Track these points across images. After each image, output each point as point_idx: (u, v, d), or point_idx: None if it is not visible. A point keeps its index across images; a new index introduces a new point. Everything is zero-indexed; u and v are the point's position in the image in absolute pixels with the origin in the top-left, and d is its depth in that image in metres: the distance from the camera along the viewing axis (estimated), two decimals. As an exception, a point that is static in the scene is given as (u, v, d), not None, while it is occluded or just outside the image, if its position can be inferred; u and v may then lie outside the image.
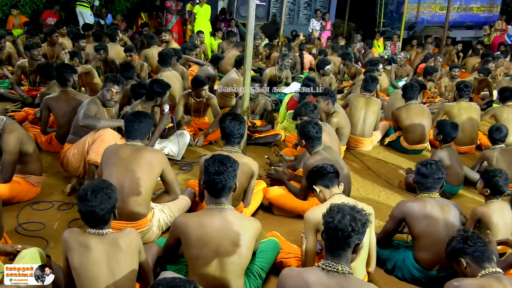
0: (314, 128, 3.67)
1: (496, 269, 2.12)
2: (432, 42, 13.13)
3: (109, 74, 4.33)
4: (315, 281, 1.98)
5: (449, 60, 11.84)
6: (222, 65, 8.19)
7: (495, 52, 11.79)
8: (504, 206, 3.32)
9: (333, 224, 2.02)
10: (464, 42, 13.80)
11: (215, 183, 2.52)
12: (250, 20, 4.19)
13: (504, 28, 14.76)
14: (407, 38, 13.87)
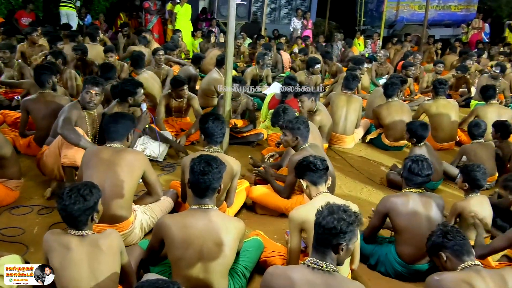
0: (303, 124, 3.69)
1: (475, 262, 2.16)
2: (412, 40, 13.29)
3: (88, 76, 4.27)
4: (300, 278, 1.98)
5: (428, 57, 12.01)
6: (204, 65, 8.16)
7: (472, 49, 11.99)
8: (483, 200, 3.39)
9: (318, 220, 2.04)
10: (442, 40, 14.01)
11: (200, 183, 2.51)
12: (230, 20, 4.17)
13: (481, 26, 15.05)
14: (387, 37, 14.03)
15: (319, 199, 2.82)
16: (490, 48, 12.58)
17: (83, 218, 2.25)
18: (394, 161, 5.25)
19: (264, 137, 5.50)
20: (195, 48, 11.40)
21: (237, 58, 10.24)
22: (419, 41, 12.36)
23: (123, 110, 4.32)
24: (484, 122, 4.78)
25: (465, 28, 15.48)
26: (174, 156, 4.92)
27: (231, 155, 4.01)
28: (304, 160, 2.95)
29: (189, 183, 2.59)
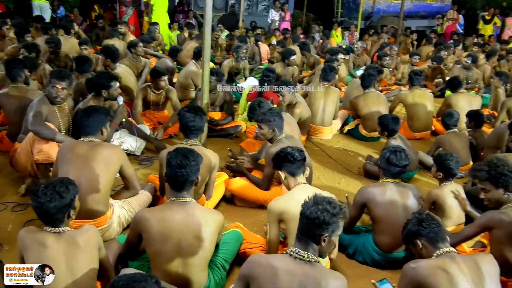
0: (277, 116, 3.69)
1: (449, 248, 2.20)
2: (388, 31, 13.41)
3: (54, 70, 4.14)
4: (282, 267, 2.00)
5: (404, 49, 12.13)
6: (181, 57, 8.09)
7: (447, 40, 12.17)
8: (457, 188, 3.47)
9: (302, 210, 2.05)
10: (418, 31, 14.18)
11: (177, 176, 2.49)
12: (207, 11, 4.14)
13: (455, 18, 15.28)
14: (364, 28, 14.12)
15: (297, 190, 2.84)
16: (465, 39, 12.79)
17: (59, 216, 2.22)
18: (371, 152, 5.31)
19: (243, 129, 5.49)
20: (172, 40, 11.27)
21: (215, 51, 10.17)
22: (396, 32, 12.48)
23: (99, 104, 4.24)
24: (457, 112, 4.88)
25: (440, 20, 15.71)
26: (152, 150, 4.87)
27: (209, 148, 4.00)
28: (282, 152, 2.95)
29: (166, 176, 2.58)
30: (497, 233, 2.73)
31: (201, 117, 3.48)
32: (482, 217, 2.84)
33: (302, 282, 1.97)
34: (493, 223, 2.74)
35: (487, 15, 15.47)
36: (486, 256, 2.23)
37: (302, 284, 1.97)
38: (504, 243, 2.70)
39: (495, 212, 2.78)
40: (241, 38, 9.47)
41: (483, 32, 14.67)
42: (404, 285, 2.18)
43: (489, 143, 4.69)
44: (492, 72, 8.30)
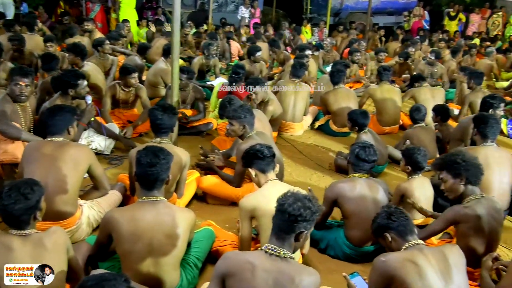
0: (248, 112, 3.69)
1: (418, 241, 2.25)
2: (357, 28, 13.58)
3: (14, 67, 4.01)
4: (259, 264, 2.00)
5: (372, 45, 12.31)
6: (150, 55, 7.98)
7: (414, 36, 12.42)
8: (425, 181, 3.55)
9: (283, 207, 2.05)
10: (386, 27, 14.41)
11: (148, 175, 2.46)
12: (175, 8, 4.09)
13: (422, 14, 15.60)
14: (333, 25, 14.24)
15: (268, 186, 2.85)
16: (431, 35, 13.08)
17: (25, 218, 2.16)
18: (342, 147, 5.38)
19: (214, 126, 5.47)
20: (140, 37, 11.11)
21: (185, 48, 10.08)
22: (364, 29, 12.66)
23: (66, 103, 4.14)
24: (424, 107, 4.99)
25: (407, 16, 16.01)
26: (122, 149, 4.80)
27: (180, 146, 3.97)
28: (251, 149, 2.95)
29: (136, 175, 2.54)
30: (462, 227, 2.81)
31: (172, 115, 3.44)
32: (447, 212, 2.91)
33: (277, 278, 1.98)
34: (458, 217, 2.82)
35: (452, 11, 15.85)
36: (453, 247, 2.29)
37: (277, 281, 1.98)
38: (470, 236, 2.78)
39: (459, 206, 2.86)
40: (211, 35, 9.42)
41: (448, 28, 15.03)
42: (374, 278, 2.22)
43: (454, 136, 4.81)
44: (457, 67, 8.53)
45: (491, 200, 2.86)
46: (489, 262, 2.65)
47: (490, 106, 4.43)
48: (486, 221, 2.75)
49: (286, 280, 1.98)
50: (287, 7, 16.39)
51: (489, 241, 2.80)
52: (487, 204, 2.80)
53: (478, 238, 2.78)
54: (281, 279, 1.98)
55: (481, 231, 2.77)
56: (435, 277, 2.10)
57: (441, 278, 2.10)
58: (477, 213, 2.75)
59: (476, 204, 2.79)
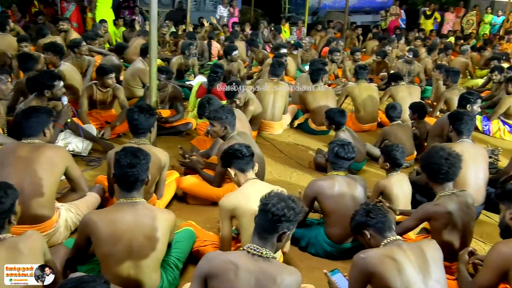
0: (230, 113, 3.68)
1: (396, 237, 2.28)
2: (335, 27, 13.68)
3: None
4: (241, 264, 2.00)
5: (350, 43, 12.43)
6: (128, 55, 7.89)
7: (391, 35, 12.57)
8: (403, 178, 3.60)
9: (267, 207, 2.04)
10: (363, 26, 14.56)
11: (128, 176, 2.43)
12: (153, 7, 4.05)
13: (398, 13, 15.80)
14: (311, 23, 14.33)
15: (248, 185, 2.85)
16: (407, 34, 13.26)
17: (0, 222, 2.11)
18: (321, 145, 5.41)
19: (193, 126, 5.44)
20: (117, 37, 10.97)
21: (163, 47, 10.01)
22: (342, 27, 12.76)
23: (42, 104, 4.06)
24: (399, 105, 5.06)
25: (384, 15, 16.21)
26: (100, 150, 4.73)
27: (160, 146, 3.94)
28: (230, 149, 2.95)
29: (114, 177, 2.51)
30: (434, 223, 2.87)
31: (150, 116, 3.41)
32: (418, 210, 2.96)
33: (259, 279, 1.99)
34: (429, 215, 2.88)
35: (428, 10, 16.10)
36: (430, 242, 2.32)
37: (258, 281, 1.98)
38: (443, 231, 2.84)
39: (429, 204, 2.92)
40: (190, 35, 9.36)
41: (424, 27, 15.25)
42: (354, 274, 2.24)
43: (433, 132, 4.89)
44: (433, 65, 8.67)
45: (462, 196, 2.91)
46: (465, 256, 2.70)
47: (467, 101, 4.52)
48: (458, 216, 2.81)
49: (268, 280, 1.98)
50: (266, 6, 16.42)
51: (462, 236, 2.86)
52: (457, 200, 2.86)
53: (451, 233, 2.84)
54: (263, 280, 1.98)
55: (454, 227, 2.82)
56: (413, 272, 2.13)
57: (419, 272, 2.14)
58: (447, 209, 2.80)
59: (447, 201, 2.84)
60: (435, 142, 4.57)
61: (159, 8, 9.21)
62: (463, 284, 2.54)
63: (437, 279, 2.17)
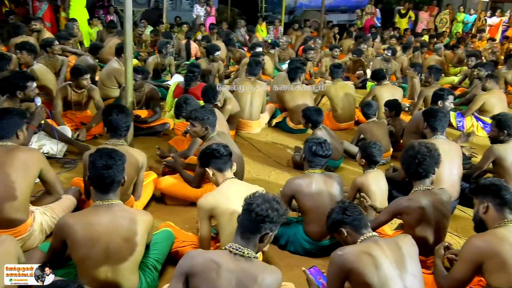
0: (211, 114, 3.68)
1: (372, 233, 2.31)
2: (311, 26, 13.77)
3: None
4: (223, 263, 2.00)
5: (327, 42, 12.52)
6: (103, 55, 7.79)
7: (367, 34, 12.72)
8: (380, 175, 3.64)
9: (251, 207, 2.05)
10: (339, 25, 14.69)
11: (104, 177, 2.40)
12: (127, 6, 4.00)
13: (373, 12, 16.00)
14: (288, 23, 14.37)
15: (226, 185, 2.84)
16: (383, 33, 13.44)
17: None
18: (299, 143, 5.43)
19: (171, 126, 5.40)
20: (92, 37, 10.80)
21: (139, 47, 9.90)
22: (318, 26, 12.85)
23: (14, 105, 3.98)
24: (375, 102, 5.14)
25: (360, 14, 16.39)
26: (75, 152, 4.65)
27: (137, 147, 3.91)
28: (208, 149, 2.95)
29: (90, 179, 2.47)
30: (406, 218, 2.91)
31: (126, 116, 3.37)
32: (392, 204, 3.00)
33: (240, 278, 1.99)
34: (401, 209, 2.91)
35: (403, 9, 16.34)
36: (405, 237, 2.36)
37: (240, 281, 1.99)
38: (415, 226, 2.88)
39: (402, 199, 2.96)
40: (166, 34, 9.29)
41: (399, 26, 15.47)
42: (332, 271, 2.25)
43: (408, 129, 4.97)
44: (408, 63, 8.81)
45: (437, 193, 2.96)
46: (441, 250, 2.75)
47: (439, 98, 4.60)
48: (430, 212, 2.85)
49: (249, 280, 1.99)
50: (242, 6, 16.39)
51: (436, 231, 2.91)
52: (432, 196, 2.90)
53: (424, 228, 2.88)
54: (244, 279, 1.99)
55: (426, 222, 2.86)
56: (390, 267, 2.16)
57: (395, 267, 2.17)
58: (420, 204, 2.84)
59: (420, 196, 2.89)
60: (411, 139, 4.64)
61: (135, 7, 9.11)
62: (439, 278, 2.58)
63: (413, 274, 2.21)
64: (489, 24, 14.99)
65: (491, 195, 2.45)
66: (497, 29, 14.76)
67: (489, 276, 2.33)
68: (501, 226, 2.39)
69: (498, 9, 16.08)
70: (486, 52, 10.92)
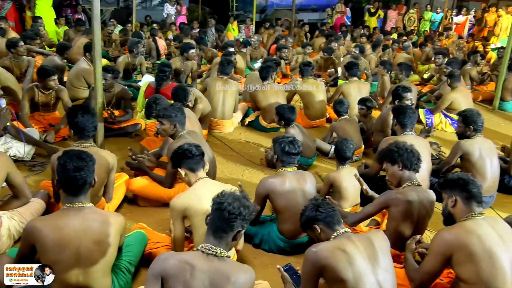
0: (179, 111, 3.64)
1: (345, 229, 2.34)
2: (283, 24, 13.81)
3: None
4: (197, 264, 1.99)
5: (298, 41, 12.59)
6: (71, 54, 7.62)
7: (337, 32, 12.84)
8: (352, 171, 3.69)
9: (222, 206, 2.04)
10: (310, 24, 14.80)
11: (76, 179, 2.36)
12: (95, 5, 3.93)
13: (343, 11, 16.20)
14: (259, 21, 14.39)
15: (199, 185, 2.83)
16: (353, 31, 13.60)
17: None
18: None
19: (142, 127, 5.34)
20: (59, 36, 10.56)
21: (109, 46, 9.74)
22: (290, 25, 12.92)
23: (-23, 107, 3.87)
24: (346, 100, 5.19)
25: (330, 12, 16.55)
26: (44, 154, 4.54)
27: (108, 148, 3.85)
28: (179, 149, 2.93)
29: (59, 182, 2.41)
30: (393, 210, 2.96)
31: (92, 116, 3.30)
32: (381, 196, 3.06)
33: (214, 278, 1.98)
34: (390, 201, 2.96)
35: (372, 8, 16.57)
36: (378, 232, 2.40)
37: (213, 281, 1.98)
38: (399, 220, 2.94)
39: (392, 191, 3.01)
40: (136, 33, 9.16)
41: (369, 24, 15.70)
42: (307, 268, 2.27)
43: (376, 127, 5.05)
44: (377, 61, 8.94)
45: (426, 192, 3.03)
46: (412, 245, 2.81)
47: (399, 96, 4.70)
48: (416, 207, 2.91)
49: (222, 280, 1.98)
50: (213, 4, 16.33)
51: (416, 228, 2.97)
52: (421, 193, 2.97)
53: (406, 223, 2.94)
54: (217, 279, 1.98)
55: (409, 217, 2.92)
56: (363, 263, 2.19)
57: (368, 262, 2.20)
58: (408, 198, 2.90)
59: (409, 191, 2.95)
60: (380, 136, 4.73)
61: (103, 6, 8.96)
62: (410, 272, 2.63)
63: (385, 268, 2.24)
64: (455, 23, 15.35)
65: (459, 189, 2.51)
66: (463, 27, 15.14)
67: (458, 268, 2.39)
68: (469, 219, 2.45)
69: (463, 7, 16.48)
70: (454, 50, 11.18)
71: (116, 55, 8.74)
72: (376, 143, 4.84)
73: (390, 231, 2.94)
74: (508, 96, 7.56)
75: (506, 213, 3.88)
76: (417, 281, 2.55)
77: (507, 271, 2.31)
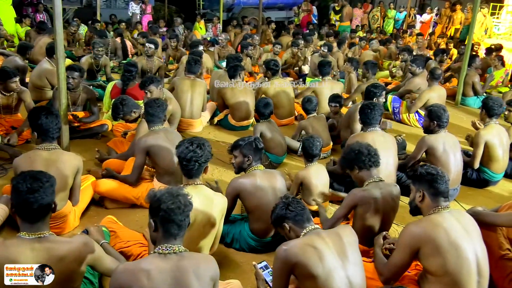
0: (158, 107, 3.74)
1: (314, 226, 2.36)
2: (250, 23, 13.82)
3: None
4: (154, 268, 1.96)
5: (265, 39, 12.62)
6: (33, 55, 7.39)
7: (304, 30, 12.93)
8: (320, 168, 3.73)
9: (166, 206, 2.03)
10: (277, 22, 14.87)
11: (30, 203, 2.09)
12: (56, 4, 3.83)
13: (310, 9, 16.32)
14: (227, 20, 14.37)
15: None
16: (320, 29, 13.73)
17: None
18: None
19: (109, 128, 5.23)
20: (21, 36, 10.25)
21: (73, 46, 9.51)
22: (257, 23, 12.93)
23: None
24: (315, 98, 5.24)
25: (297, 11, 16.67)
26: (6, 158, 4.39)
27: (74, 150, 3.77)
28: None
29: (13, 207, 2.16)
30: (360, 209, 3.00)
31: (56, 118, 3.21)
32: (347, 197, 3.09)
33: (175, 275, 1.98)
34: (356, 200, 3.00)
35: (337, 6, 16.76)
36: (346, 228, 2.44)
37: (175, 278, 1.97)
38: (366, 217, 2.98)
39: (357, 190, 3.05)
40: (100, 33, 8.97)
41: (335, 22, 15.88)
42: (278, 266, 2.28)
43: (343, 124, 5.12)
44: (344, 58, 9.05)
45: (388, 186, 3.08)
46: (380, 240, 2.86)
47: (373, 95, 4.76)
48: (381, 203, 2.96)
49: (184, 274, 1.99)
50: (180, 3, 16.20)
51: (382, 223, 3.03)
52: (384, 189, 3.01)
53: (373, 219, 2.99)
54: (179, 275, 1.98)
55: (376, 213, 2.97)
56: (333, 258, 2.22)
57: (338, 258, 2.23)
58: (373, 195, 2.95)
59: (373, 188, 3.00)
60: (346, 132, 4.79)
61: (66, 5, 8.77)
62: (379, 266, 2.68)
63: (354, 263, 2.28)
64: (420, 21, 15.70)
65: (427, 185, 2.54)
66: (428, 25, 15.50)
67: (425, 261, 2.45)
68: (435, 212, 2.50)
69: (426, 6, 16.88)
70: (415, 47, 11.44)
71: (80, 54, 8.54)
72: (344, 139, 4.91)
73: (357, 227, 2.97)
74: (470, 92, 7.79)
75: (469, 205, 4.00)
76: (386, 274, 2.60)
77: (472, 262, 2.38)
